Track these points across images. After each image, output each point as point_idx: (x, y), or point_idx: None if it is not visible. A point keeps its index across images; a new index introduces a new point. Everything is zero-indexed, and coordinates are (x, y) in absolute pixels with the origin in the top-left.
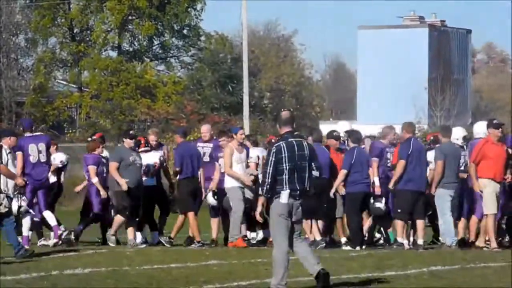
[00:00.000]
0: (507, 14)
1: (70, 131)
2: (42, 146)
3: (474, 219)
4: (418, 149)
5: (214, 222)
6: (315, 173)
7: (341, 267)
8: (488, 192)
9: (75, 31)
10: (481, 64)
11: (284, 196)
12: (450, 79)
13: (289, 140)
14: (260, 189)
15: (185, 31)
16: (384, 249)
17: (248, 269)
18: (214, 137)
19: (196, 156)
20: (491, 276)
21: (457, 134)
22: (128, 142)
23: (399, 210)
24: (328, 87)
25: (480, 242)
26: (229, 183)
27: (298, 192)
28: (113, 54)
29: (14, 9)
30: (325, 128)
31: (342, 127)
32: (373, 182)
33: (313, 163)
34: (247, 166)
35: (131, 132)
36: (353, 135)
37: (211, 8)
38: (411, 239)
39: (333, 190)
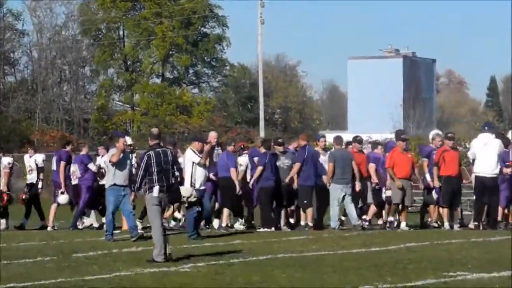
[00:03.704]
0: (467, 45)
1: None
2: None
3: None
4: (311, 153)
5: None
6: (177, 173)
7: (336, 245)
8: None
9: (128, 63)
10: (443, 86)
11: (155, 191)
12: (420, 98)
13: (157, 150)
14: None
15: (213, 62)
16: (369, 231)
17: (265, 246)
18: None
19: None
20: (454, 250)
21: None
22: (278, 148)
23: (305, 201)
24: (325, 105)
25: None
26: None
27: (165, 187)
28: (158, 80)
29: (82, 46)
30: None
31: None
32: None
33: (175, 166)
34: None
35: (280, 139)
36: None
37: (234, 43)
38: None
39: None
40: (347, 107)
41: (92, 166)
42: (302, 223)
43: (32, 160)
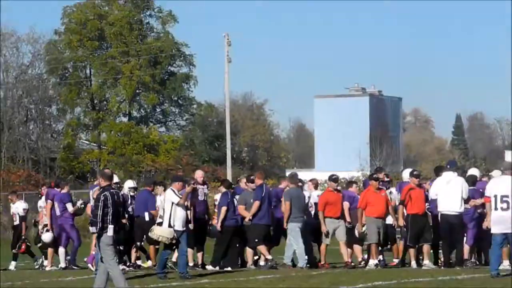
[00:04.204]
0: (433, 84)
1: (92, 180)
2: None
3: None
4: (267, 192)
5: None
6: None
7: (304, 283)
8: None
9: (95, 102)
10: (409, 124)
11: (110, 231)
12: (386, 136)
13: (111, 190)
14: (90, 227)
15: (180, 101)
16: (337, 269)
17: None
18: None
19: None
20: None
21: (474, 172)
22: (250, 186)
23: (256, 240)
24: (292, 143)
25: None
26: None
27: (117, 228)
28: (125, 119)
29: (48, 85)
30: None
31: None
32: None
33: (123, 208)
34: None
35: (252, 177)
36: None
37: (201, 81)
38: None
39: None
40: (314, 146)
41: (69, 207)
42: (262, 262)
43: None
